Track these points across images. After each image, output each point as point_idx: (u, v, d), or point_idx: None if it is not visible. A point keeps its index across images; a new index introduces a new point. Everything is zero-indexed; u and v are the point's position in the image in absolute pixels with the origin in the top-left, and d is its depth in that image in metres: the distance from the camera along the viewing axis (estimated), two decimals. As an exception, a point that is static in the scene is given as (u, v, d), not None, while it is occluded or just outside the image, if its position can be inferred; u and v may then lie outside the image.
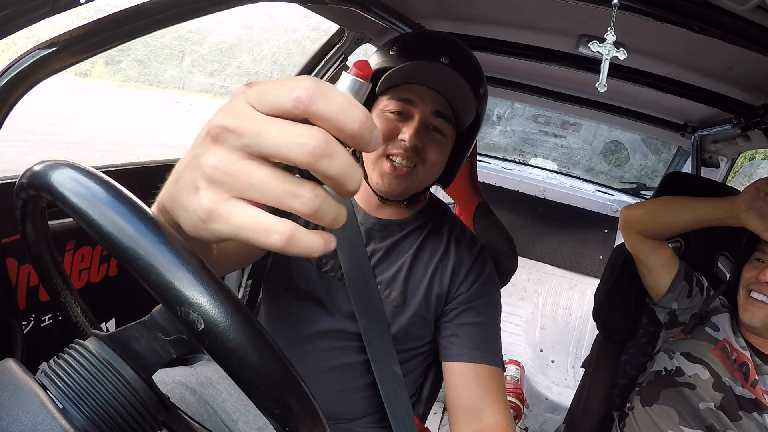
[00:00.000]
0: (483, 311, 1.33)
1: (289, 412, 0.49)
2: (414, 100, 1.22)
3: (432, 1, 1.86)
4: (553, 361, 3.86)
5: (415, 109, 1.22)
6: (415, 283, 1.33)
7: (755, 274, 1.58)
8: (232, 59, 11.02)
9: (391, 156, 1.22)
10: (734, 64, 1.67)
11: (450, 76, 1.17)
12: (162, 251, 0.46)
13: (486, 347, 1.28)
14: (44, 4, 0.84)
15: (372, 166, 1.26)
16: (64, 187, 0.52)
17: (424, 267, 1.34)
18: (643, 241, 1.74)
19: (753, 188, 1.46)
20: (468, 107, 1.22)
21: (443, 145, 1.27)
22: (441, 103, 1.23)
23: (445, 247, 1.36)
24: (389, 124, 1.23)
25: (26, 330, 1.38)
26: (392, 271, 1.33)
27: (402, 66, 1.17)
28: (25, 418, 0.52)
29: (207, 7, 1.20)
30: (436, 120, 1.23)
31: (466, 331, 1.30)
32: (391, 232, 1.36)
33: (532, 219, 4.24)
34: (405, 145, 1.20)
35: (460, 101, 1.22)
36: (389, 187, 1.24)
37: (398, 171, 1.22)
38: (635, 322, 1.95)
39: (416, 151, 1.22)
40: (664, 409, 1.67)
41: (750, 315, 1.57)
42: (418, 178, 1.26)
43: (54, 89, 8.49)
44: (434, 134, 1.25)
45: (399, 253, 1.35)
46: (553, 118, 5.26)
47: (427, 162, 1.25)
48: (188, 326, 0.46)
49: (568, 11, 1.62)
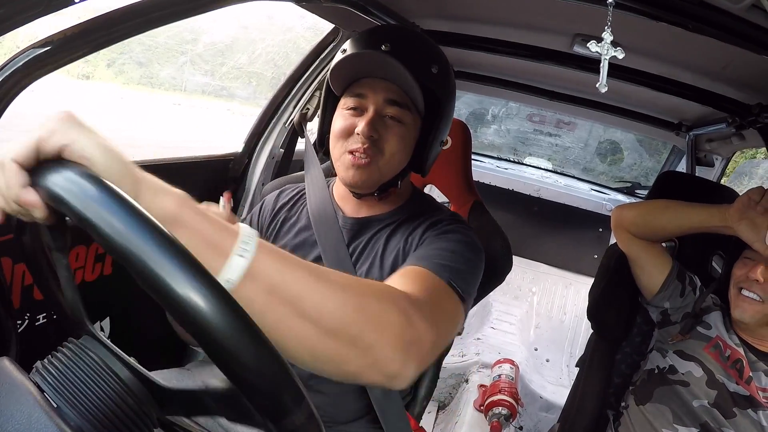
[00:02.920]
0: (434, 240, 1.22)
1: (283, 411, 0.49)
2: (364, 93, 1.24)
3: (427, 0, 1.86)
4: (547, 360, 3.86)
5: (367, 101, 1.24)
6: (388, 263, 1.30)
7: (745, 271, 1.58)
8: (227, 59, 11.01)
9: (351, 151, 1.23)
10: (729, 63, 1.67)
11: (389, 62, 1.17)
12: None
13: (432, 258, 1.10)
14: (38, 4, 0.84)
15: (337, 163, 1.28)
16: (59, 186, 0.52)
17: (394, 246, 1.31)
18: (636, 241, 1.74)
19: (745, 198, 1.47)
20: (413, 91, 1.21)
21: (403, 133, 1.26)
22: (394, 91, 1.23)
23: (417, 222, 1.32)
24: (346, 121, 1.25)
25: (21, 329, 1.38)
26: (368, 263, 1.32)
27: (339, 61, 1.20)
28: (20, 416, 0.52)
29: (201, 7, 1.20)
30: (390, 109, 1.23)
31: (412, 254, 1.20)
32: (369, 228, 1.35)
33: (527, 218, 4.25)
34: (361, 138, 1.21)
35: (407, 86, 1.21)
36: (353, 179, 1.25)
37: (358, 161, 1.22)
38: (629, 321, 1.95)
39: (374, 142, 1.22)
40: (658, 407, 1.67)
41: (741, 311, 1.58)
42: (380, 167, 1.26)
43: (58, 91, 8.48)
44: (390, 122, 1.24)
45: (373, 245, 1.34)
46: (548, 117, 5.28)
47: (386, 151, 1.24)
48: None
49: (562, 10, 1.62)
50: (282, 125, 2.24)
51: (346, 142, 1.24)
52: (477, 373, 3.32)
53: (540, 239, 4.29)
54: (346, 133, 1.24)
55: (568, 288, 4.26)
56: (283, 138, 2.26)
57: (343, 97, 1.28)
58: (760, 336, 1.61)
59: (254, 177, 2.22)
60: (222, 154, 2.14)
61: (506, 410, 2.81)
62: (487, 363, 3.34)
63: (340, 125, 1.25)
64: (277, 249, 0.68)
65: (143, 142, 6.26)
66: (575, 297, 4.21)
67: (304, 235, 1.38)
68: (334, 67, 1.22)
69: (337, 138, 1.26)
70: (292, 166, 2.31)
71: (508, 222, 3.88)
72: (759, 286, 1.53)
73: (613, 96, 2.67)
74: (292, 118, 2.22)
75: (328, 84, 1.29)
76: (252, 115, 2.32)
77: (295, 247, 1.37)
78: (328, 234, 1.34)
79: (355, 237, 1.35)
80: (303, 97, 2.21)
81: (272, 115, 2.22)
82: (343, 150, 1.25)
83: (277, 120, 2.23)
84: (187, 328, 0.47)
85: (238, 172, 2.19)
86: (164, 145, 8.32)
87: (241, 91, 11.97)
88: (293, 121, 2.21)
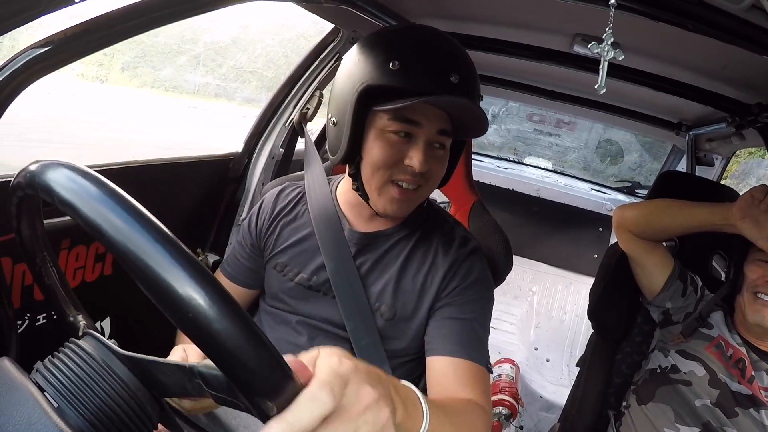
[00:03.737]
0: (469, 309, 1.25)
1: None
2: (419, 121, 1.14)
3: (427, 0, 1.86)
4: (548, 360, 3.86)
5: (421, 130, 1.14)
6: (404, 297, 1.28)
7: (760, 274, 1.58)
8: (227, 59, 11.02)
9: (397, 182, 1.17)
10: (729, 63, 1.67)
11: (460, 101, 1.10)
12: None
13: (469, 344, 1.19)
14: (37, 3, 0.84)
15: (377, 192, 1.20)
16: (59, 185, 0.52)
17: (412, 280, 1.28)
18: (637, 241, 1.74)
19: (748, 196, 1.46)
20: (479, 121, 1.16)
21: (444, 159, 1.22)
22: (445, 120, 1.16)
23: (434, 254, 1.30)
24: (393, 148, 1.15)
25: (21, 329, 1.38)
26: (380, 284, 1.29)
27: (414, 102, 1.06)
28: (20, 417, 0.52)
29: (201, 7, 1.20)
30: (440, 138, 1.17)
31: (449, 325, 1.22)
32: (379, 243, 1.31)
33: (527, 218, 4.25)
34: (413, 170, 1.14)
35: (469, 118, 1.16)
36: (398, 212, 1.21)
37: (407, 195, 1.18)
38: (630, 320, 1.95)
39: (422, 174, 1.16)
40: (660, 407, 1.67)
41: (760, 316, 1.55)
42: (423, 196, 1.24)
43: (74, 95, 8.47)
44: (437, 151, 1.19)
45: (386, 266, 1.30)
46: (548, 117, 5.28)
47: (431, 180, 1.21)
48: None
49: (563, 10, 1.62)
50: (282, 125, 2.23)
51: (390, 171, 1.16)
52: (477, 373, 3.30)
53: (540, 239, 4.29)
54: (392, 161, 1.15)
55: (569, 288, 4.26)
56: (283, 138, 2.26)
57: (386, 116, 1.14)
58: (762, 336, 1.61)
59: (254, 177, 2.22)
60: (222, 154, 2.14)
61: (507, 410, 2.81)
62: (488, 363, 3.33)
63: (388, 154, 1.15)
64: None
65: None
66: (575, 297, 4.21)
67: (305, 243, 1.34)
68: (405, 105, 1.08)
69: (381, 166, 1.16)
70: (292, 165, 2.31)
71: (509, 222, 3.88)
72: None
73: (614, 96, 2.67)
74: (292, 118, 2.22)
75: (364, 96, 1.13)
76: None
77: (297, 255, 1.35)
78: (333, 243, 1.30)
79: (363, 252, 1.31)
80: (303, 97, 2.21)
81: (272, 115, 2.21)
82: (385, 179, 1.17)
83: (277, 120, 2.23)
84: (182, 326, 0.47)
85: (238, 171, 2.19)
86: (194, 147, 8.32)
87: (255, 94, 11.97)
88: (293, 120, 2.22)
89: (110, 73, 9.87)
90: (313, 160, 1.49)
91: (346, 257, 1.29)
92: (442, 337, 1.22)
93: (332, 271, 1.28)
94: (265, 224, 1.40)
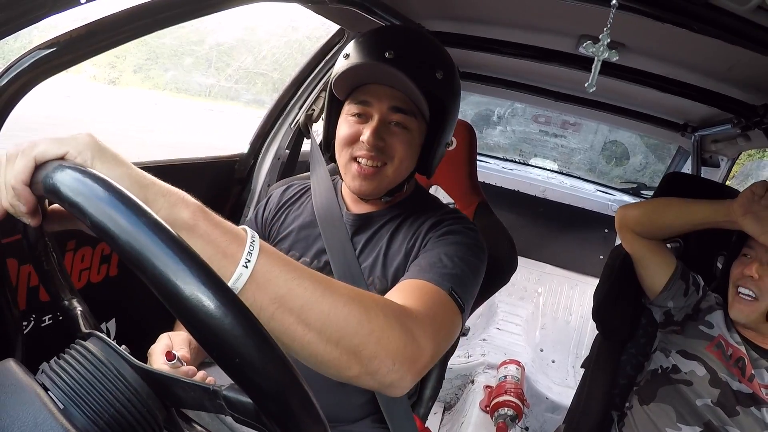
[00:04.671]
0: (440, 244, 1.21)
1: (289, 413, 0.49)
2: (369, 101, 1.25)
3: (432, 1, 1.86)
4: (553, 361, 3.85)
5: (372, 108, 1.24)
6: (394, 263, 1.31)
7: (741, 269, 1.59)
8: (234, 60, 11.06)
9: (357, 158, 1.25)
10: (734, 64, 1.67)
11: (393, 72, 1.16)
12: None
13: (429, 268, 1.10)
14: (44, 5, 0.84)
15: (344, 170, 1.30)
16: (67, 186, 0.53)
17: (399, 247, 1.32)
18: (640, 240, 1.74)
19: (749, 192, 1.47)
20: (418, 98, 1.21)
21: (409, 139, 1.27)
22: (399, 97, 1.23)
23: (420, 223, 1.33)
24: (351, 128, 1.26)
25: (26, 330, 1.38)
26: (371, 259, 1.33)
27: (343, 70, 1.20)
28: (26, 418, 0.52)
29: (207, 8, 1.20)
30: (395, 116, 1.24)
31: (415, 262, 1.18)
32: (372, 223, 1.37)
33: (533, 219, 4.25)
34: (367, 146, 1.22)
35: (411, 94, 1.21)
36: (360, 189, 1.27)
37: (365, 171, 1.24)
38: (634, 322, 1.95)
39: (380, 150, 1.23)
40: (661, 407, 1.67)
41: (737, 312, 1.58)
42: (388, 175, 1.27)
43: (89, 97, 8.57)
44: (396, 129, 1.25)
45: (377, 242, 1.35)
46: (553, 118, 5.27)
47: (395, 159, 1.26)
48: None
49: (568, 11, 1.62)
50: (288, 126, 2.24)
51: (351, 149, 1.26)
52: (483, 373, 3.32)
53: (545, 240, 4.28)
54: (351, 140, 1.26)
55: (574, 289, 4.25)
56: (288, 139, 2.26)
57: (347, 102, 1.29)
58: (762, 333, 1.61)
59: (260, 178, 2.22)
60: (228, 155, 2.14)
61: (512, 411, 2.81)
62: (493, 364, 3.35)
63: (345, 132, 1.27)
64: (286, 258, 0.70)
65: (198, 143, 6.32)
66: (581, 298, 4.20)
67: (308, 230, 1.40)
68: (338, 74, 1.23)
69: (343, 145, 1.27)
70: (297, 167, 2.31)
71: (514, 223, 3.87)
72: (754, 282, 1.54)
73: (619, 97, 2.66)
74: (297, 119, 2.23)
75: (332, 89, 1.29)
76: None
77: (299, 240, 1.40)
78: (333, 230, 1.36)
79: (358, 232, 1.37)
80: (309, 98, 2.22)
81: (278, 116, 2.22)
82: (348, 156, 1.27)
83: (282, 121, 2.23)
84: (193, 332, 0.47)
85: (243, 173, 2.20)
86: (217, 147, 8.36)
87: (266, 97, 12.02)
88: (299, 122, 2.22)
89: (123, 75, 9.92)
90: (318, 161, 1.51)
91: (344, 238, 1.35)
92: (407, 272, 1.16)
93: (331, 250, 1.33)
94: (270, 213, 1.48)
